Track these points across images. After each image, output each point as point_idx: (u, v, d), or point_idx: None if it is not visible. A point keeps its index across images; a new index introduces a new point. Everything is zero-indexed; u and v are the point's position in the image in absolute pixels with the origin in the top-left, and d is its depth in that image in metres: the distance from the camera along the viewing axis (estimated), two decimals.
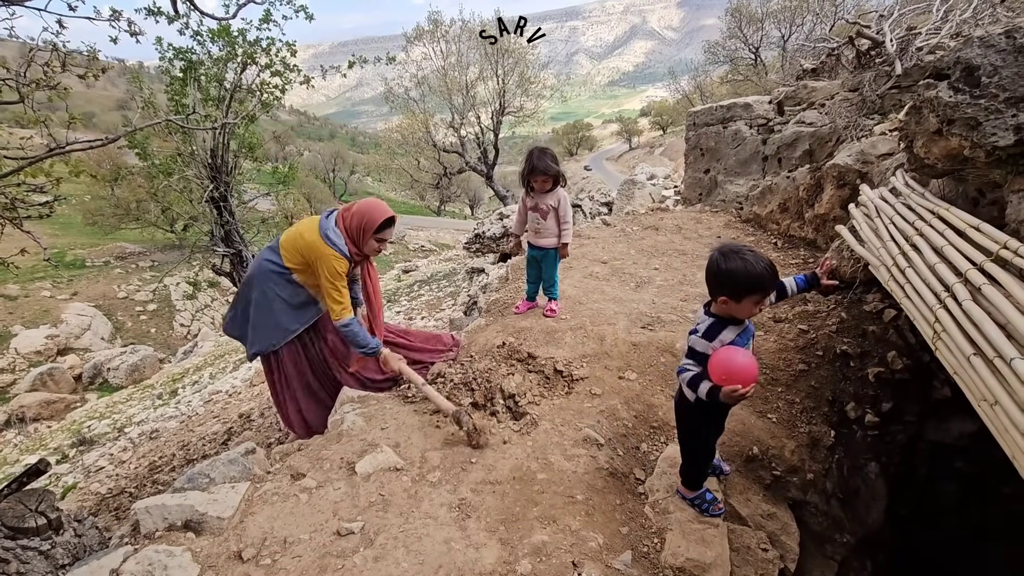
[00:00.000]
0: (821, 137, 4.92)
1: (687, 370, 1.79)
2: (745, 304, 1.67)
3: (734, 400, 1.64)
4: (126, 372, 15.71)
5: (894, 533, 2.91)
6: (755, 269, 1.62)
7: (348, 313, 2.77)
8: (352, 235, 2.76)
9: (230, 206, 5.63)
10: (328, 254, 2.67)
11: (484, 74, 18.56)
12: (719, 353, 1.69)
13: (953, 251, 1.84)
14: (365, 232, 2.75)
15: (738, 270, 1.63)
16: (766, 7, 21.16)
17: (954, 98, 2.04)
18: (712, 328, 1.75)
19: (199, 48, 5.39)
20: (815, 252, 4.22)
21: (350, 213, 2.78)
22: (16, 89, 2.91)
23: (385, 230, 2.79)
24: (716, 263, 1.67)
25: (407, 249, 29.67)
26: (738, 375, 1.61)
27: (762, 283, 1.64)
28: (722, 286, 1.68)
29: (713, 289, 1.72)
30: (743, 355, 1.66)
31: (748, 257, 1.64)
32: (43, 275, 21.48)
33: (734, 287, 1.65)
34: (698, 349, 1.77)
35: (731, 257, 1.64)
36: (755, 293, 1.66)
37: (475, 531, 1.93)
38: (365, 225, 2.74)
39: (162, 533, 1.85)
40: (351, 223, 2.76)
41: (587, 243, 5.05)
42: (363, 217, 2.74)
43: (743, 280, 1.63)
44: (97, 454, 7.37)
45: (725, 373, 1.64)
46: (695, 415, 1.94)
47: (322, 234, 2.70)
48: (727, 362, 1.64)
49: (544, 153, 3.18)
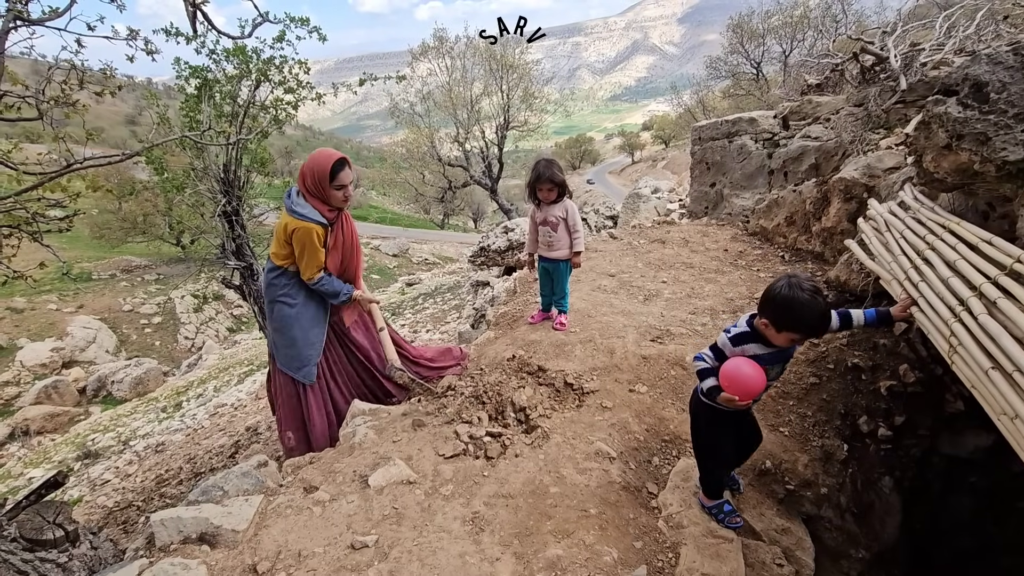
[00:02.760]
0: (827, 151, 4.95)
1: (703, 360, 1.86)
2: (782, 336, 1.69)
3: (729, 406, 1.74)
4: (130, 385, 15.72)
5: (908, 548, 2.87)
6: (808, 311, 1.62)
7: (317, 273, 2.81)
8: (314, 193, 2.72)
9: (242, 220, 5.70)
10: (301, 227, 2.67)
11: (488, 89, 18.76)
12: (735, 360, 1.74)
13: (966, 265, 1.85)
14: (322, 184, 2.69)
15: (792, 303, 1.62)
16: (767, 23, 21.39)
17: (963, 114, 2.07)
18: (742, 336, 1.78)
19: (214, 66, 5.50)
20: (822, 265, 4.23)
21: (304, 174, 2.73)
22: (35, 106, 2.97)
23: (339, 174, 2.71)
24: (780, 287, 1.66)
25: (411, 262, 29.76)
26: (739, 387, 1.69)
27: (806, 327, 1.66)
28: (771, 309, 1.68)
29: (762, 308, 1.73)
30: (753, 370, 1.69)
31: (809, 298, 1.62)
32: (49, 288, 21.60)
33: (780, 315, 1.65)
34: (720, 347, 1.83)
35: (795, 288, 1.63)
36: (795, 332, 1.67)
37: (489, 545, 1.92)
38: (319, 177, 2.68)
39: (177, 546, 1.85)
40: (308, 182, 2.71)
41: (594, 256, 5.07)
42: (314, 171, 2.69)
43: (791, 314, 1.63)
44: (102, 467, 7.37)
45: (729, 380, 1.72)
46: (701, 414, 2.00)
47: (289, 211, 2.70)
48: (735, 371, 1.70)
49: (551, 163, 3.23)
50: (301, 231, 2.67)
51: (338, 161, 2.69)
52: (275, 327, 2.95)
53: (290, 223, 2.68)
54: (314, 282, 2.83)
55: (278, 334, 2.95)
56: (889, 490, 2.70)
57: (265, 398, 7.56)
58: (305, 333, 2.93)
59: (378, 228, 37.08)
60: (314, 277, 2.81)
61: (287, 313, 2.88)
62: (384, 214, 45.84)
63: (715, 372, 1.79)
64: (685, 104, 31.14)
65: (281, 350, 2.98)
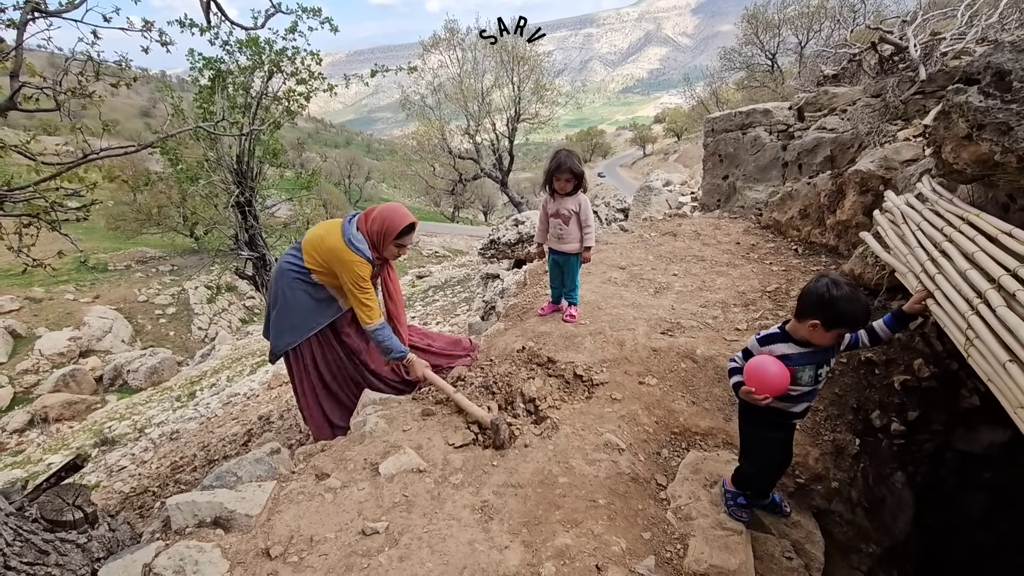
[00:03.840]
0: (843, 143, 4.87)
1: (733, 362, 1.94)
2: (831, 334, 1.74)
3: (749, 400, 1.79)
4: (145, 374, 15.99)
5: (920, 544, 2.85)
6: (857, 307, 1.69)
7: (378, 317, 2.80)
8: (373, 240, 2.79)
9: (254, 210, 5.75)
10: (351, 260, 2.70)
11: (500, 81, 18.69)
12: (759, 356, 1.80)
13: (985, 257, 1.82)
14: (386, 237, 2.78)
15: (840, 300, 1.68)
16: (783, 13, 21.06)
17: (984, 103, 2.02)
18: (771, 337, 1.85)
19: (228, 58, 5.53)
20: (836, 259, 4.18)
21: (371, 219, 2.80)
22: (53, 98, 3.01)
23: (406, 236, 2.83)
24: (827, 288, 1.70)
25: (421, 255, 29.85)
26: (758, 380, 1.74)
27: (857, 320, 1.73)
28: (820, 310, 1.71)
29: (808, 311, 1.75)
30: (776, 366, 1.74)
31: (854, 294, 1.70)
32: (67, 279, 21.98)
33: (833, 316, 1.70)
34: (748, 348, 1.91)
35: (841, 287, 1.69)
36: (844, 327, 1.74)
37: (498, 533, 1.94)
38: (387, 231, 2.77)
39: (192, 529, 1.89)
40: (372, 228, 2.78)
41: (605, 249, 5.05)
42: (384, 223, 2.77)
43: (843, 312, 1.68)
44: (119, 454, 7.51)
45: (749, 373, 1.78)
46: (744, 413, 2.05)
47: (346, 240, 2.73)
48: (759, 366, 1.76)
49: (571, 154, 3.22)
50: (355, 263, 2.70)
51: (410, 224, 2.81)
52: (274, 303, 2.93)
53: (344, 251, 2.70)
54: (374, 328, 2.79)
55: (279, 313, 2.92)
56: (901, 485, 2.68)
57: (278, 388, 7.66)
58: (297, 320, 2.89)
59: None
60: (375, 323, 2.79)
61: (289, 296, 2.86)
62: None
63: (740, 370, 1.86)
64: (698, 96, 30.82)
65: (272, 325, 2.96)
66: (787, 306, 3.53)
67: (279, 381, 7.68)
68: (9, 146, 2.80)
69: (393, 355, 2.88)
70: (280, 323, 2.92)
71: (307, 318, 2.90)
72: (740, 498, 2.14)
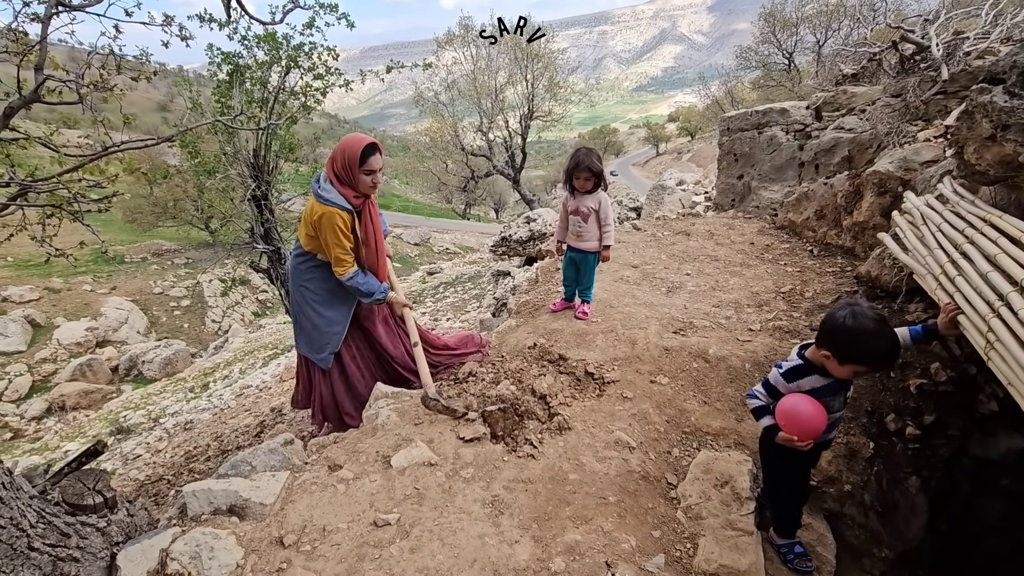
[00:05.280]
0: (861, 143, 4.81)
1: (755, 398, 1.76)
2: (845, 368, 1.58)
3: (789, 446, 1.62)
4: (160, 365, 16.24)
5: (934, 549, 2.81)
6: (878, 343, 1.52)
7: (351, 267, 2.75)
8: (343, 179, 2.67)
9: (270, 204, 5.81)
10: (326, 212, 2.62)
11: (513, 78, 18.66)
12: (791, 398, 1.64)
13: (1007, 259, 1.79)
14: (352, 168, 2.64)
15: (859, 334, 1.52)
16: (801, 11, 20.78)
17: (1010, 103, 1.99)
18: (796, 371, 1.68)
19: (245, 52, 5.60)
20: (852, 260, 4.13)
21: (334, 158, 2.69)
22: (76, 91, 3.06)
23: (370, 159, 2.66)
24: (842, 318, 1.55)
25: (432, 251, 29.96)
26: (799, 426, 1.58)
27: (874, 359, 1.55)
28: (833, 342, 1.57)
29: (822, 339, 1.61)
30: (812, 407, 1.59)
31: (876, 327, 1.52)
32: (84, 270, 22.37)
33: (845, 347, 1.55)
34: (771, 382, 1.72)
35: (859, 318, 1.53)
36: (862, 364, 1.56)
37: (508, 527, 1.95)
38: (349, 161, 2.63)
39: (208, 516, 1.92)
40: (336, 167, 2.67)
41: (618, 247, 5.03)
42: (344, 154, 2.64)
43: (858, 346, 1.53)
44: (134, 443, 7.64)
45: (788, 419, 1.61)
46: (770, 447, 1.87)
47: (316, 196, 2.68)
48: (793, 409, 1.60)
49: (590, 152, 3.22)
50: (325, 217, 2.62)
51: (369, 145, 2.66)
52: (298, 310, 2.98)
53: (316, 208, 2.65)
54: (347, 277, 2.75)
55: (302, 317, 2.98)
56: (915, 490, 2.64)
57: (289, 381, 7.73)
58: (327, 319, 2.94)
59: (400, 217, 37.37)
60: (347, 272, 2.73)
61: (311, 298, 2.92)
62: (407, 203, 46.15)
63: (770, 410, 1.70)
64: (713, 95, 30.53)
65: (302, 334, 3.01)
66: (801, 308, 3.50)
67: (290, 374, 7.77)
68: (33, 138, 2.85)
69: (375, 296, 2.84)
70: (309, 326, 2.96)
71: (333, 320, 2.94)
72: (796, 546, 2.05)
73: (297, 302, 2.97)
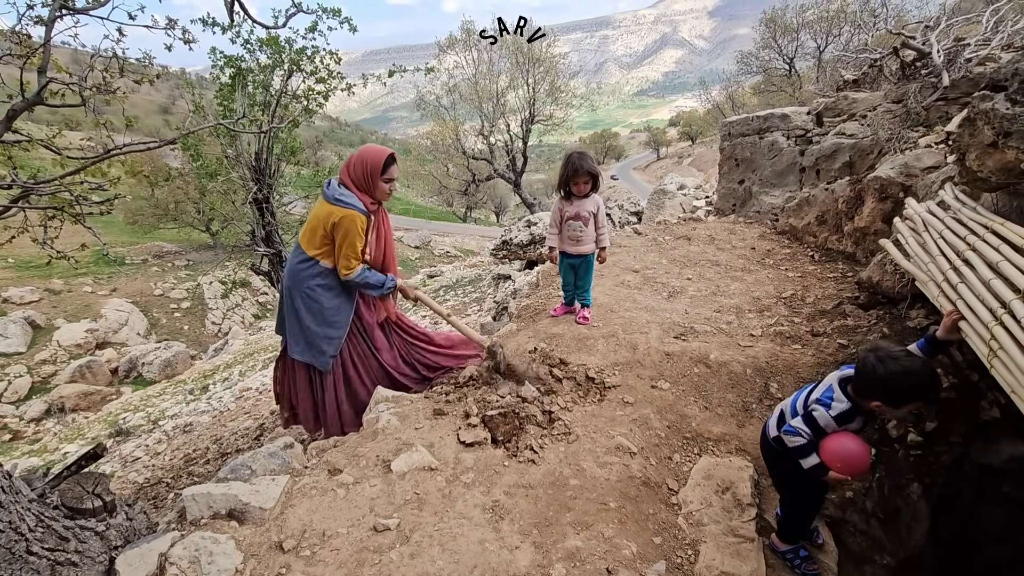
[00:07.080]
0: (862, 149, 4.82)
1: (798, 435, 1.74)
2: (903, 410, 1.61)
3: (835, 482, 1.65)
4: (159, 367, 16.23)
5: (936, 556, 2.80)
6: (919, 376, 1.52)
7: (358, 266, 2.82)
8: (360, 185, 2.80)
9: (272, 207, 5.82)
10: (347, 215, 2.72)
11: (515, 82, 18.71)
12: (839, 439, 1.67)
13: (1010, 267, 1.79)
14: (373, 177, 2.79)
15: (903, 377, 1.52)
16: (802, 17, 20.84)
17: (1012, 110, 1.99)
18: (847, 415, 1.68)
19: (248, 56, 5.62)
20: (854, 266, 4.13)
21: (351, 167, 2.81)
22: (79, 93, 3.07)
23: (390, 168, 2.83)
24: (873, 368, 1.54)
25: (432, 254, 29.98)
26: (853, 468, 1.64)
27: (927, 389, 1.54)
28: (880, 392, 1.57)
29: (867, 393, 1.61)
30: (861, 447, 1.64)
31: (907, 363, 1.52)
32: (85, 271, 22.39)
33: (896, 395, 1.55)
34: (820, 423, 1.72)
35: (887, 363, 1.52)
36: (918, 400, 1.56)
37: (509, 533, 1.94)
38: (371, 170, 2.78)
39: (207, 520, 1.91)
40: (355, 174, 2.79)
41: (618, 251, 5.03)
42: (366, 164, 2.78)
43: (906, 388, 1.53)
44: (133, 445, 7.62)
45: (840, 461, 1.65)
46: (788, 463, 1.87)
47: (331, 200, 2.76)
48: (842, 450, 1.65)
49: (583, 155, 3.21)
50: (347, 219, 2.71)
51: (390, 156, 2.82)
52: (298, 315, 2.96)
53: (335, 212, 2.72)
54: (356, 274, 2.81)
55: (300, 322, 2.95)
56: (917, 496, 2.63)
57: None
58: (328, 324, 2.93)
59: (401, 220, 37.43)
60: (354, 270, 2.81)
61: (312, 304, 2.91)
62: (407, 206, 46.22)
63: (814, 447, 1.71)
64: (713, 100, 30.59)
65: (300, 338, 2.97)
66: (802, 313, 3.49)
67: None
68: (36, 140, 2.86)
69: (386, 286, 2.93)
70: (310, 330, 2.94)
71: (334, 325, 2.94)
72: (801, 551, 2.07)
73: (296, 306, 2.95)
